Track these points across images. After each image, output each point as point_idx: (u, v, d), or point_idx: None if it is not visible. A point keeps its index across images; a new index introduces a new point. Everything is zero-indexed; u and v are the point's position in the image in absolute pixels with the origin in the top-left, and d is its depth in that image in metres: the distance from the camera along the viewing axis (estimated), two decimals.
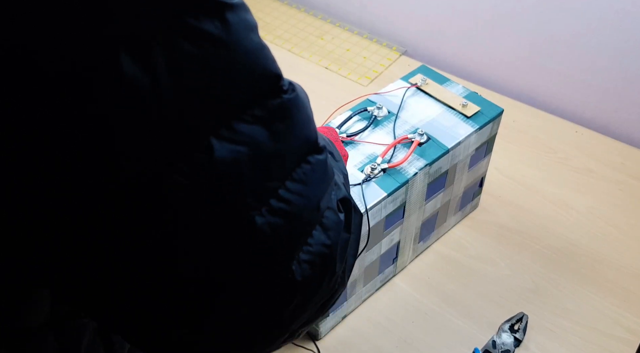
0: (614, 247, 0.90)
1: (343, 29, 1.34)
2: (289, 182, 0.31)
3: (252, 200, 0.29)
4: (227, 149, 0.27)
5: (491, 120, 0.80)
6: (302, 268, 0.32)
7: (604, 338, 0.79)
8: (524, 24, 1.10)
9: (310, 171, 0.32)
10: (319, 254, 0.33)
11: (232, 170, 0.28)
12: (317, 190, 0.33)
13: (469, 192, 0.90)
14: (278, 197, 0.30)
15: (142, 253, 0.28)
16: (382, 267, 0.82)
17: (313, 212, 0.32)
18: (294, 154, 0.31)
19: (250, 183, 0.29)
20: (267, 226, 0.29)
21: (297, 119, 0.31)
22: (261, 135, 0.29)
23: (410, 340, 0.80)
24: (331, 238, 0.34)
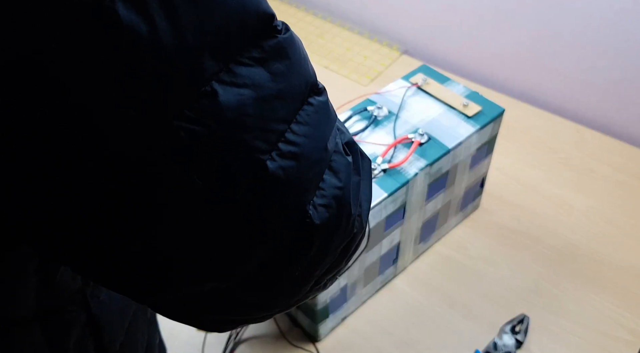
0: (616, 247, 0.90)
1: (343, 28, 1.34)
2: (294, 125, 0.31)
3: (263, 144, 0.29)
4: (231, 93, 0.28)
5: (492, 120, 0.79)
6: (318, 212, 0.33)
7: (605, 339, 0.79)
8: (525, 23, 1.09)
9: (313, 112, 0.32)
10: (333, 197, 0.34)
11: (239, 114, 0.28)
12: (322, 131, 0.33)
13: (470, 192, 0.89)
14: (286, 140, 0.30)
15: (153, 209, 0.28)
16: (382, 268, 0.82)
17: (322, 153, 0.33)
18: (296, 95, 0.31)
19: (258, 126, 0.29)
20: (280, 170, 0.30)
21: (295, 58, 0.31)
22: (262, 76, 0.29)
23: (410, 341, 0.80)
24: (342, 180, 0.35)
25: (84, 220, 0.28)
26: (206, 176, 0.28)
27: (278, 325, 0.81)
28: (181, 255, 0.30)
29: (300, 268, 0.34)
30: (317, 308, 0.73)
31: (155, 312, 0.36)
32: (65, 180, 0.26)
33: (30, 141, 0.25)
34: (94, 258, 0.30)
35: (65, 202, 0.27)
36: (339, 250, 0.36)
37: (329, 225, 0.33)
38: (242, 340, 0.80)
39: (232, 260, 0.31)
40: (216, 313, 0.35)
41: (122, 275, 0.31)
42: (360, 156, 0.39)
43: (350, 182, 0.36)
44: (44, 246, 0.30)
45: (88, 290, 0.41)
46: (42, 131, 0.25)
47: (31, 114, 0.24)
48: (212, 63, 0.27)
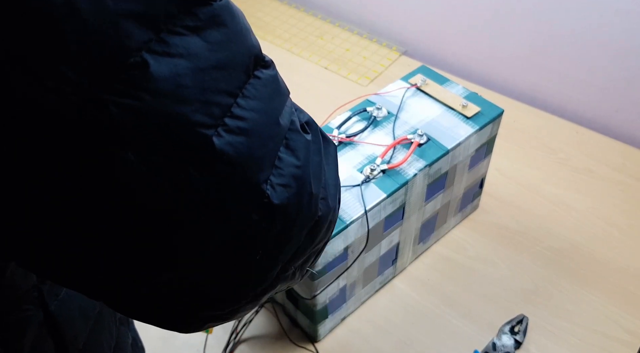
0: (615, 247, 0.90)
1: (343, 29, 1.34)
2: (241, 99, 0.30)
3: (204, 117, 0.28)
4: (164, 63, 0.26)
5: (491, 120, 0.79)
6: (277, 191, 0.32)
7: (604, 339, 0.79)
8: (524, 23, 1.09)
9: (261, 86, 0.31)
10: (292, 176, 0.33)
11: (174, 85, 0.27)
12: (272, 105, 0.32)
13: (469, 193, 0.89)
14: (232, 115, 0.29)
15: (93, 193, 0.27)
16: (381, 269, 0.82)
17: (274, 128, 0.32)
18: (238, 66, 0.30)
19: (198, 98, 0.28)
20: (228, 146, 0.29)
21: (233, 27, 0.30)
22: (197, 45, 0.28)
23: (409, 341, 0.80)
24: (301, 159, 0.33)
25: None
26: (143, 152, 0.27)
27: (280, 325, 0.81)
28: (127, 244, 0.29)
29: (263, 251, 0.33)
30: (316, 308, 0.74)
31: (117, 311, 0.34)
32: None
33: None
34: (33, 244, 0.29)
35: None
36: (303, 233, 0.35)
37: (289, 205, 0.32)
38: (242, 340, 0.80)
39: (187, 245, 0.30)
40: (180, 309, 0.34)
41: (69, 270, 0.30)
42: (322, 138, 0.37)
43: (310, 161, 0.35)
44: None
45: (45, 288, 0.39)
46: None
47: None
48: (139, 31, 0.26)
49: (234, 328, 0.80)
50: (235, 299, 0.35)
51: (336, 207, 0.39)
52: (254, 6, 1.42)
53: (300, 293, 0.73)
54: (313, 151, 0.35)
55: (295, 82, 1.20)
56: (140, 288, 0.31)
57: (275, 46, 1.29)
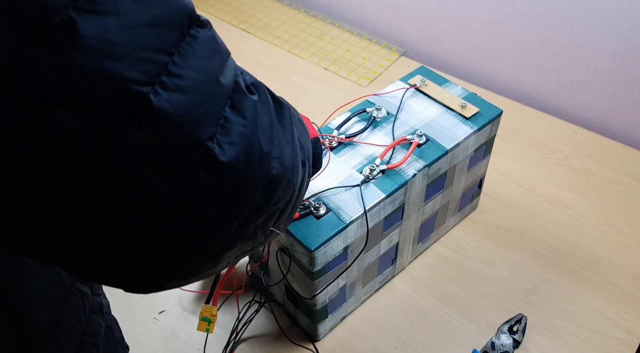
0: (613, 248, 0.90)
1: (343, 30, 1.34)
2: (178, 58, 0.30)
3: (138, 74, 0.28)
4: (91, 21, 0.27)
5: (490, 121, 0.80)
6: (224, 149, 0.32)
7: (603, 339, 0.80)
8: (523, 24, 1.10)
9: (198, 45, 0.32)
10: (239, 134, 0.33)
11: (103, 43, 0.27)
12: (211, 64, 0.32)
13: (468, 193, 0.90)
14: (169, 72, 0.29)
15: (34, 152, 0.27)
16: (381, 268, 0.82)
17: (214, 86, 0.32)
18: (171, 24, 0.30)
19: (130, 55, 0.28)
20: (166, 103, 0.29)
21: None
22: (126, 4, 0.28)
23: (409, 341, 0.80)
24: (248, 118, 0.34)
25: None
26: (77, 110, 0.27)
27: (278, 325, 0.82)
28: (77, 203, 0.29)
29: (215, 208, 0.33)
30: (316, 308, 0.74)
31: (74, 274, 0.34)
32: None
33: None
34: None
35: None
36: (258, 191, 0.36)
37: (238, 163, 0.33)
38: (242, 339, 0.81)
39: (135, 200, 0.30)
40: (139, 266, 0.34)
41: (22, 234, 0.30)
42: (273, 100, 0.38)
43: (259, 121, 0.35)
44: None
45: (4, 276, 0.39)
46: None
47: None
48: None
49: (234, 328, 0.80)
50: (193, 256, 0.35)
51: (294, 166, 0.40)
52: (254, 7, 1.42)
53: (300, 293, 0.73)
54: (261, 111, 0.36)
55: (295, 82, 1.21)
56: (97, 246, 0.31)
57: (276, 47, 1.30)
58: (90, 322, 0.51)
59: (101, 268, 0.34)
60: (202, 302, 0.85)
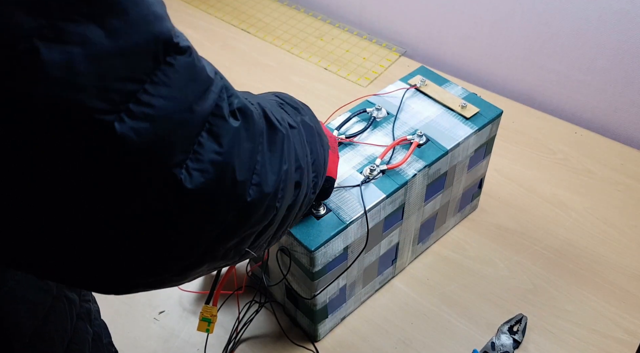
0: (613, 248, 0.90)
1: (342, 30, 1.34)
2: (149, 85, 0.30)
3: (102, 103, 0.28)
4: (56, 51, 0.26)
5: (490, 121, 0.80)
6: (192, 176, 0.32)
7: (602, 339, 0.80)
8: (523, 24, 1.10)
9: (173, 73, 0.31)
10: (211, 161, 0.33)
11: (66, 72, 0.27)
12: (186, 93, 0.32)
13: (468, 193, 0.90)
14: (137, 100, 0.29)
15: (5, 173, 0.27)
16: (381, 269, 0.82)
17: (184, 114, 0.32)
18: (144, 53, 0.30)
19: (94, 85, 0.28)
20: (131, 131, 0.29)
21: (135, 14, 0.29)
22: (94, 33, 0.27)
23: (409, 341, 0.80)
24: (224, 145, 0.34)
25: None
26: (38, 136, 0.27)
27: (279, 325, 0.82)
28: (52, 218, 0.29)
29: (178, 230, 0.33)
30: (316, 308, 0.74)
31: (45, 278, 0.35)
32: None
33: None
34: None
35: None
36: (228, 216, 0.35)
37: (204, 190, 0.33)
38: (242, 339, 0.81)
39: (102, 218, 0.30)
40: (106, 274, 0.34)
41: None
42: (267, 126, 0.37)
43: (237, 148, 0.35)
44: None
45: None
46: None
47: None
48: (28, 19, 0.25)
49: (234, 328, 0.80)
50: (158, 271, 0.35)
51: (276, 192, 0.39)
52: (255, 7, 1.42)
53: (300, 293, 0.73)
54: (242, 138, 0.35)
55: (295, 82, 1.21)
56: (67, 255, 0.32)
57: (276, 47, 1.30)
58: (77, 330, 0.51)
59: (69, 275, 0.34)
60: (202, 302, 0.85)
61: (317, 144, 0.52)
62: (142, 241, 0.33)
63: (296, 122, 0.48)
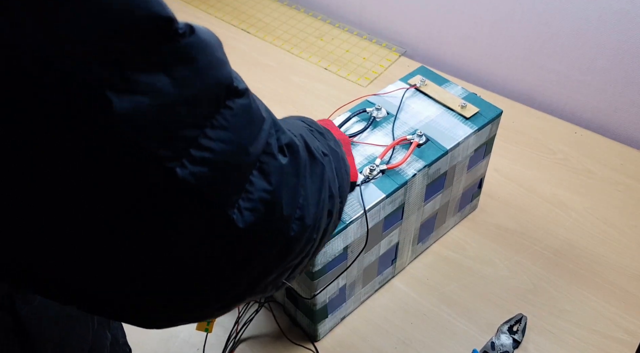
0: (613, 248, 0.90)
1: (342, 30, 1.34)
2: (209, 130, 0.30)
3: (168, 151, 0.28)
4: (127, 101, 0.26)
5: (490, 121, 0.80)
6: (243, 215, 0.32)
7: (603, 339, 0.79)
8: (523, 24, 1.10)
9: (232, 116, 0.31)
10: (260, 200, 0.33)
11: (137, 123, 0.27)
12: (243, 135, 0.32)
13: (468, 193, 0.90)
14: (198, 145, 0.29)
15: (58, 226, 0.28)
16: (380, 268, 0.82)
17: (241, 157, 0.32)
18: (207, 99, 0.30)
19: (162, 134, 0.28)
20: (190, 176, 0.29)
21: (203, 62, 0.30)
22: (162, 82, 0.28)
23: (409, 341, 0.80)
24: (273, 183, 0.34)
25: None
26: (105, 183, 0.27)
27: (278, 325, 0.82)
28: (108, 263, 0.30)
29: (226, 269, 0.33)
30: (316, 308, 0.74)
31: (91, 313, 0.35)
32: None
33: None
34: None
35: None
36: (272, 253, 0.35)
37: (255, 229, 0.33)
38: (242, 339, 0.81)
39: (153, 260, 0.31)
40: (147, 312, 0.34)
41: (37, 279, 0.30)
42: (309, 158, 0.37)
43: (284, 184, 0.34)
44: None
45: (18, 296, 0.40)
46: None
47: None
48: (101, 70, 0.26)
49: (234, 328, 0.80)
50: (199, 307, 0.35)
51: (315, 225, 0.39)
52: (254, 7, 1.42)
53: (300, 293, 0.73)
54: (289, 173, 0.35)
55: (295, 82, 1.21)
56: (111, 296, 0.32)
57: (275, 47, 1.30)
58: (97, 337, 0.52)
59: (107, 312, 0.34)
60: None
61: (342, 168, 0.52)
62: (192, 280, 0.33)
63: (327, 149, 0.48)
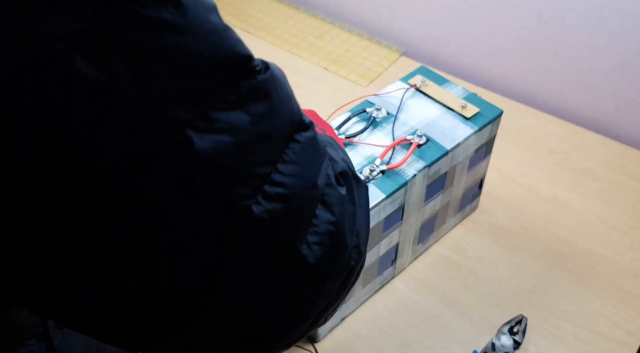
0: (614, 248, 0.90)
1: (342, 30, 1.34)
2: (280, 165, 0.30)
3: (244, 190, 0.28)
4: (208, 140, 0.26)
5: (490, 121, 0.80)
6: (312, 250, 0.32)
7: (603, 340, 0.79)
8: (523, 24, 1.10)
9: (300, 150, 0.31)
10: (327, 233, 0.32)
11: (217, 162, 0.27)
12: (311, 168, 0.32)
13: (469, 193, 0.90)
14: (271, 181, 0.29)
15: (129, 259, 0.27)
16: (381, 269, 0.82)
17: (311, 191, 0.32)
18: (280, 134, 0.30)
19: (239, 172, 0.28)
20: (266, 214, 0.29)
21: (277, 98, 0.30)
22: (241, 120, 0.28)
23: (409, 342, 0.80)
24: (336, 214, 0.33)
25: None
26: (182, 224, 0.27)
27: None
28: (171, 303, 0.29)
29: (294, 308, 0.33)
30: None
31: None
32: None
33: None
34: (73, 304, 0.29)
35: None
36: (336, 286, 0.35)
37: (323, 262, 0.32)
38: None
39: (224, 307, 0.30)
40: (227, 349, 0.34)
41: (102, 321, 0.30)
42: (355, 183, 0.37)
43: (345, 214, 0.34)
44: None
45: (51, 324, 0.39)
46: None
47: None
48: (181, 111, 0.26)
49: None
50: (268, 346, 0.35)
51: (366, 250, 0.39)
52: (255, 6, 1.42)
53: None
54: (347, 202, 0.35)
55: (295, 82, 1.20)
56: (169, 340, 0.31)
57: (275, 46, 1.29)
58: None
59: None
60: None
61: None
62: (256, 324, 0.32)
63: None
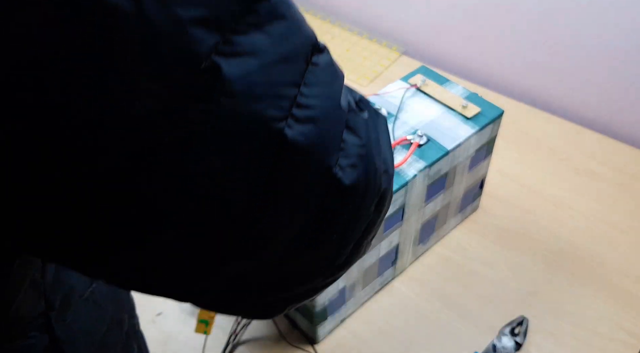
0: (616, 249, 0.89)
1: (342, 29, 1.34)
2: (304, 88, 0.30)
3: (277, 112, 0.28)
4: (234, 64, 0.27)
5: (492, 121, 0.79)
6: (346, 172, 0.32)
7: (605, 341, 0.79)
8: (525, 24, 1.09)
9: (320, 72, 0.32)
10: (358, 155, 0.33)
11: (246, 84, 0.27)
12: (333, 89, 0.33)
13: (469, 193, 0.89)
14: (298, 104, 0.30)
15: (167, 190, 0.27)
16: (381, 270, 0.81)
17: (337, 111, 0.32)
18: (299, 55, 0.30)
19: (269, 93, 0.28)
20: (300, 136, 0.29)
21: (293, 17, 0.30)
22: (262, 41, 0.28)
23: (409, 343, 0.79)
24: (362, 137, 0.34)
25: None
26: (226, 154, 0.27)
27: (277, 327, 0.81)
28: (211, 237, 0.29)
29: (337, 232, 0.34)
30: (315, 310, 0.73)
31: (198, 306, 0.35)
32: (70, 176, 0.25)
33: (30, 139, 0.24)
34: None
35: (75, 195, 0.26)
36: (372, 209, 0.36)
37: (358, 184, 0.33)
38: (241, 341, 0.80)
39: (265, 235, 0.31)
40: (259, 296, 0.35)
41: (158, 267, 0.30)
42: (375, 113, 0.38)
43: (370, 137, 0.35)
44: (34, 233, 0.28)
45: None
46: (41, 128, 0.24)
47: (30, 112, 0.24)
48: (208, 36, 0.26)
49: (232, 330, 0.79)
50: (310, 280, 0.36)
51: (394, 173, 0.40)
52: None
53: None
54: (371, 127, 0.36)
55: None
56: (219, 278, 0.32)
57: None
58: (125, 349, 0.52)
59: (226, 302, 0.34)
60: None
61: None
62: (304, 246, 0.33)
63: None
